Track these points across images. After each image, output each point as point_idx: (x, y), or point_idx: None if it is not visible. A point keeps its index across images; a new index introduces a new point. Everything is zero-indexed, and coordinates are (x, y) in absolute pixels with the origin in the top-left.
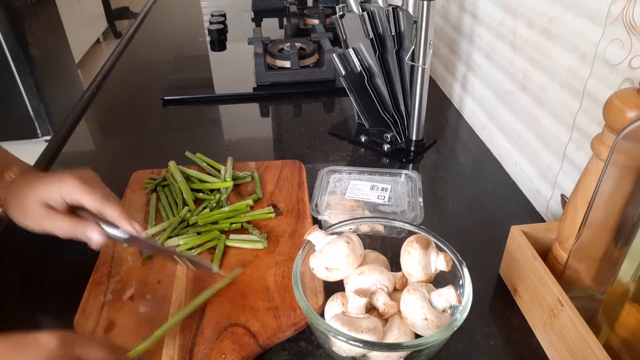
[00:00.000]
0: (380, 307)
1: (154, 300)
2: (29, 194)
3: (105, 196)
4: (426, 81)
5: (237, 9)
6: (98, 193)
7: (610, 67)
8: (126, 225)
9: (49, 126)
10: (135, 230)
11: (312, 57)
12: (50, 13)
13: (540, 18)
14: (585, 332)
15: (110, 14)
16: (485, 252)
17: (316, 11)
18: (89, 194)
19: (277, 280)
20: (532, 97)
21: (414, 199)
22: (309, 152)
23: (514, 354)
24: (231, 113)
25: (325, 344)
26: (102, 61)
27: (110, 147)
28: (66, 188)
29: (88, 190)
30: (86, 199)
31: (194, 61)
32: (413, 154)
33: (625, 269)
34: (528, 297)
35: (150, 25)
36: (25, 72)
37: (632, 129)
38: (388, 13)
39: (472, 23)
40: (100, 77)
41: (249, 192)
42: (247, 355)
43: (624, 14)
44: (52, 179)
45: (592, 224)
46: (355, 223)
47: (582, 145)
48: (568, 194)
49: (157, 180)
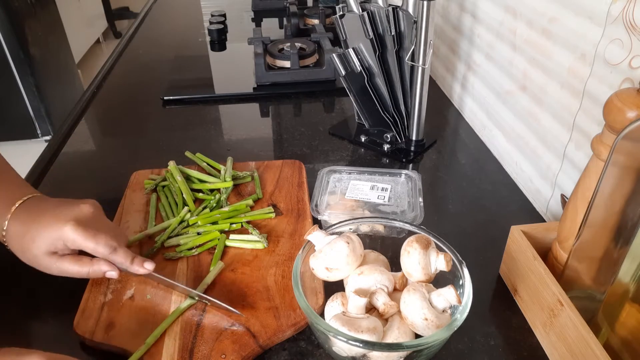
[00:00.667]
0: (380, 307)
1: (154, 300)
2: (32, 246)
3: (109, 244)
4: (426, 81)
5: (237, 9)
6: (101, 240)
7: (610, 67)
8: (137, 268)
9: (49, 126)
10: (148, 270)
11: (312, 57)
12: (50, 13)
13: (540, 18)
14: (585, 332)
15: (110, 14)
16: (485, 252)
17: (316, 11)
18: (93, 243)
19: (277, 280)
20: (532, 97)
21: (414, 199)
22: (309, 152)
23: (514, 354)
24: (231, 113)
25: (325, 344)
26: (102, 61)
27: (110, 147)
28: (68, 238)
29: (90, 239)
30: (91, 249)
31: (194, 61)
32: (413, 154)
33: (625, 269)
34: (528, 297)
35: (150, 25)
36: (25, 72)
37: (632, 129)
38: (388, 13)
39: (472, 23)
40: (100, 77)
41: (249, 192)
42: (247, 355)
43: (624, 14)
44: (52, 226)
45: (592, 224)
46: (355, 223)
47: (582, 145)
48: (568, 194)
49: (157, 180)
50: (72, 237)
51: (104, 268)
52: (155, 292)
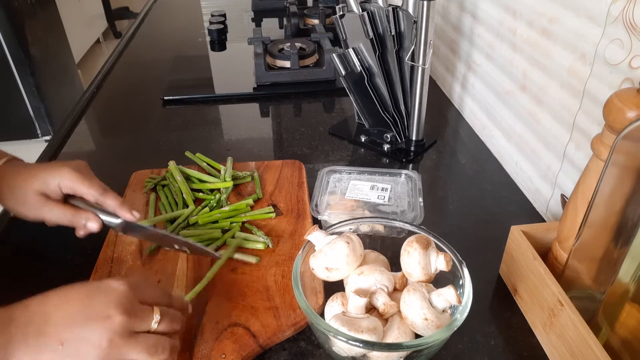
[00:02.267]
0: (380, 307)
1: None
2: (23, 183)
3: (103, 187)
4: (426, 81)
5: (237, 9)
6: (95, 184)
7: (610, 67)
8: (125, 213)
9: (49, 126)
10: (134, 217)
11: (312, 57)
12: (50, 13)
13: (540, 18)
14: (585, 332)
15: (110, 14)
16: (485, 252)
17: (316, 11)
18: (87, 184)
19: (277, 280)
20: (532, 97)
21: (414, 199)
22: (309, 152)
23: (514, 354)
24: (231, 113)
25: (325, 344)
26: (102, 61)
27: (110, 147)
28: (64, 178)
29: (86, 181)
30: (85, 190)
31: (194, 61)
32: (413, 154)
33: (625, 269)
34: (528, 297)
35: (150, 25)
36: (25, 72)
37: (632, 129)
38: (388, 13)
39: (472, 23)
40: (100, 77)
41: (249, 192)
42: (247, 355)
43: (624, 14)
44: (49, 168)
45: (592, 224)
46: (355, 223)
47: (582, 145)
48: (568, 194)
49: (157, 180)
50: (67, 177)
51: (88, 216)
52: None
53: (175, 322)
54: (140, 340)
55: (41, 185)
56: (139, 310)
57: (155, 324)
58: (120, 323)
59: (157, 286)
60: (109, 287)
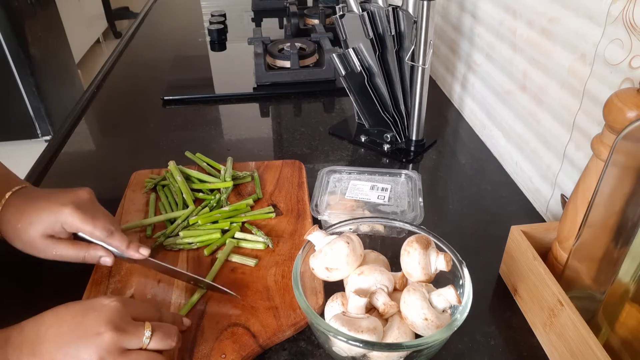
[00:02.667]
0: (380, 307)
1: (154, 300)
2: (28, 227)
3: (107, 228)
4: (426, 81)
5: (237, 9)
6: (99, 224)
7: (610, 67)
8: (134, 254)
9: (49, 126)
10: (143, 256)
11: (312, 57)
12: (50, 13)
13: (540, 18)
14: (585, 332)
15: (110, 14)
16: (485, 252)
17: (316, 11)
18: (91, 225)
19: (277, 280)
20: (532, 97)
21: (414, 199)
22: (309, 152)
23: (514, 354)
24: (231, 113)
25: (325, 344)
26: (102, 61)
27: (110, 147)
28: (67, 221)
29: (89, 221)
30: (89, 230)
31: (194, 61)
32: (413, 154)
33: (625, 269)
34: (528, 297)
35: (150, 25)
36: (25, 72)
37: (632, 129)
38: (388, 13)
39: (472, 23)
40: (100, 77)
41: (249, 192)
42: (247, 355)
43: (624, 14)
44: (49, 209)
45: (592, 224)
46: (355, 223)
47: (582, 145)
48: (568, 194)
49: (157, 180)
50: (70, 219)
51: (100, 253)
52: (156, 291)
53: (170, 338)
54: (132, 358)
55: (46, 229)
56: (129, 327)
57: (147, 340)
58: (110, 340)
59: (150, 302)
60: (101, 304)
